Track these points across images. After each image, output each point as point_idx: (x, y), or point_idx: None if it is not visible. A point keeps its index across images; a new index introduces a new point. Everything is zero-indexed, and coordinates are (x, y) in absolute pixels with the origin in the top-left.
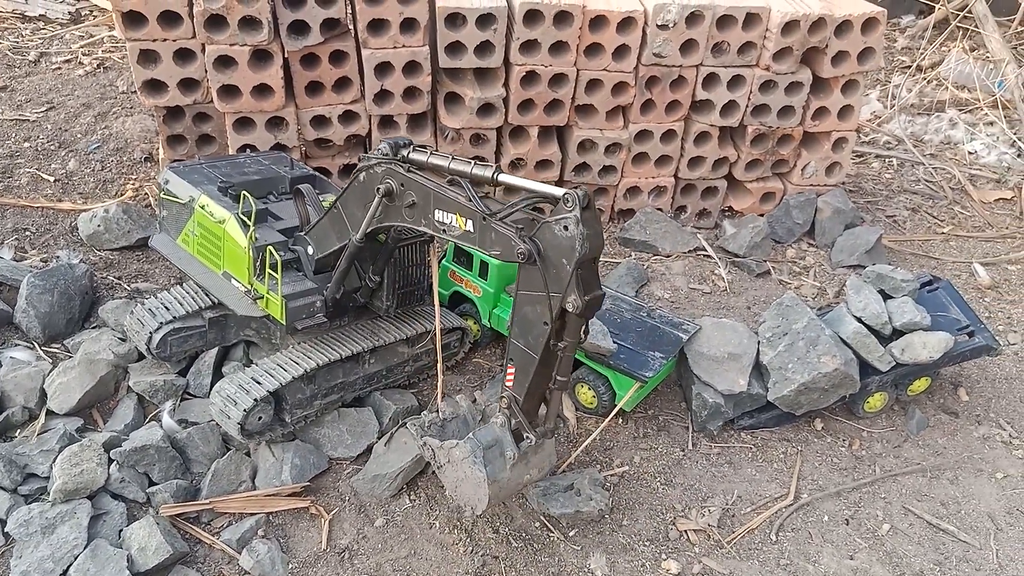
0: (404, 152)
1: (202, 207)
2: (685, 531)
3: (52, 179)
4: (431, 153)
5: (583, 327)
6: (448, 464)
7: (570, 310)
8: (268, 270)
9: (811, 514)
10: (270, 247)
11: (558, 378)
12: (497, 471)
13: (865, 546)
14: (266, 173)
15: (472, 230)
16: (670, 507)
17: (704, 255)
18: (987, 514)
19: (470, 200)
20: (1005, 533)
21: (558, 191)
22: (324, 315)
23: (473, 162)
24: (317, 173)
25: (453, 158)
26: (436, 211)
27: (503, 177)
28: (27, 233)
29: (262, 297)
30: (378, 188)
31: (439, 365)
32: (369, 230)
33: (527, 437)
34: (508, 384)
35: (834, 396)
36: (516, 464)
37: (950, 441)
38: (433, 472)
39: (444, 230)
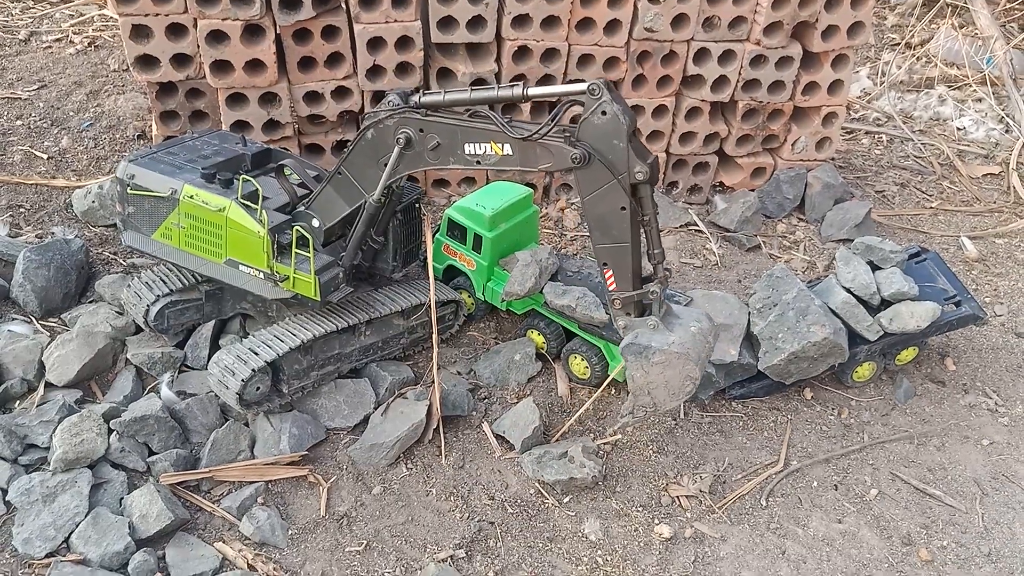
0: (414, 99)
1: (191, 197)
2: (677, 497)
3: (45, 156)
4: (445, 92)
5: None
6: (650, 393)
7: (641, 179)
8: (297, 249)
9: (800, 480)
10: (297, 225)
11: (654, 252)
12: (663, 340)
13: (853, 510)
14: (226, 153)
15: (511, 153)
16: (662, 474)
17: (695, 230)
18: (973, 479)
19: (500, 126)
20: (991, 498)
21: (580, 87)
22: (347, 284)
23: (497, 86)
24: (271, 147)
25: (472, 88)
26: (466, 145)
27: (532, 91)
28: (21, 210)
29: (287, 279)
30: (397, 139)
31: (434, 337)
32: (388, 183)
33: (651, 295)
34: (612, 288)
35: (823, 365)
36: (672, 326)
37: (937, 409)
38: (430, 440)
39: (478, 161)
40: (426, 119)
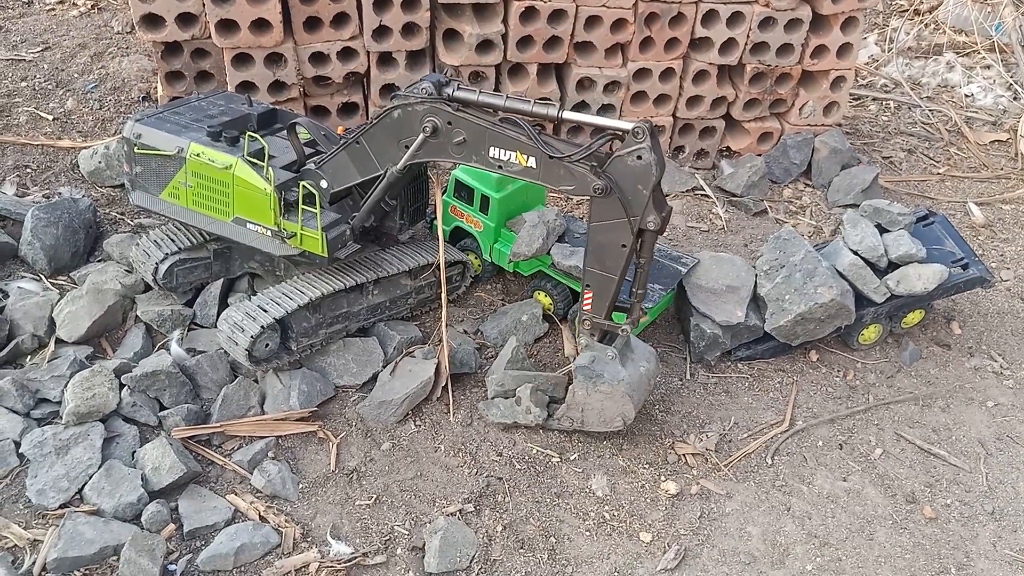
0: (448, 90)
1: (197, 155)
2: (684, 455)
3: (51, 118)
4: (480, 91)
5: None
6: (583, 411)
7: (652, 228)
8: (303, 206)
9: (806, 440)
10: (304, 183)
11: (637, 292)
12: (615, 373)
13: (858, 469)
14: (232, 113)
15: (535, 167)
16: (669, 433)
17: (702, 194)
18: (977, 440)
19: (532, 139)
20: (995, 458)
21: (626, 124)
22: (354, 241)
23: (533, 100)
24: (277, 107)
25: (508, 96)
26: (491, 148)
27: (567, 115)
28: (28, 170)
29: (294, 235)
30: (424, 127)
31: (443, 296)
32: (409, 164)
33: (620, 331)
34: (586, 308)
35: (830, 327)
36: (624, 361)
37: (942, 372)
38: (438, 398)
39: (500, 166)
40: (456, 113)
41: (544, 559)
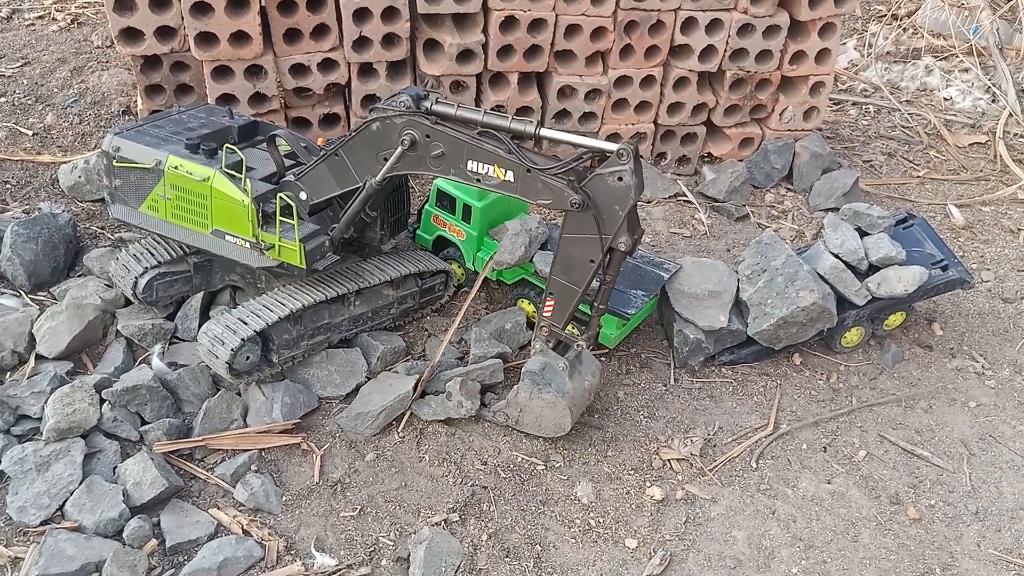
0: (426, 104)
1: (175, 168)
2: (668, 460)
3: (30, 133)
4: (459, 106)
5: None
6: (521, 412)
7: (622, 249)
8: (281, 217)
9: (790, 443)
10: (281, 194)
11: (599, 306)
12: (561, 385)
13: (842, 471)
14: (212, 125)
15: (512, 180)
16: (653, 438)
17: (684, 200)
18: (960, 440)
19: (511, 153)
20: (978, 458)
21: (611, 146)
22: (333, 252)
23: (511, 116)
24: (258, 119)
25: (486, 112)
26: (469, 162)
27: (545, 131)
28: (7, 186)
29: (272, 247)
30: (402, 140)
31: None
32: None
33: (576, 345)
34: (546, 315)
35: (812, 330)
36: (572, 373)
37: (924, 373)
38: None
39: (478, 179)
40: (435, 127)
41: (530, 567)
